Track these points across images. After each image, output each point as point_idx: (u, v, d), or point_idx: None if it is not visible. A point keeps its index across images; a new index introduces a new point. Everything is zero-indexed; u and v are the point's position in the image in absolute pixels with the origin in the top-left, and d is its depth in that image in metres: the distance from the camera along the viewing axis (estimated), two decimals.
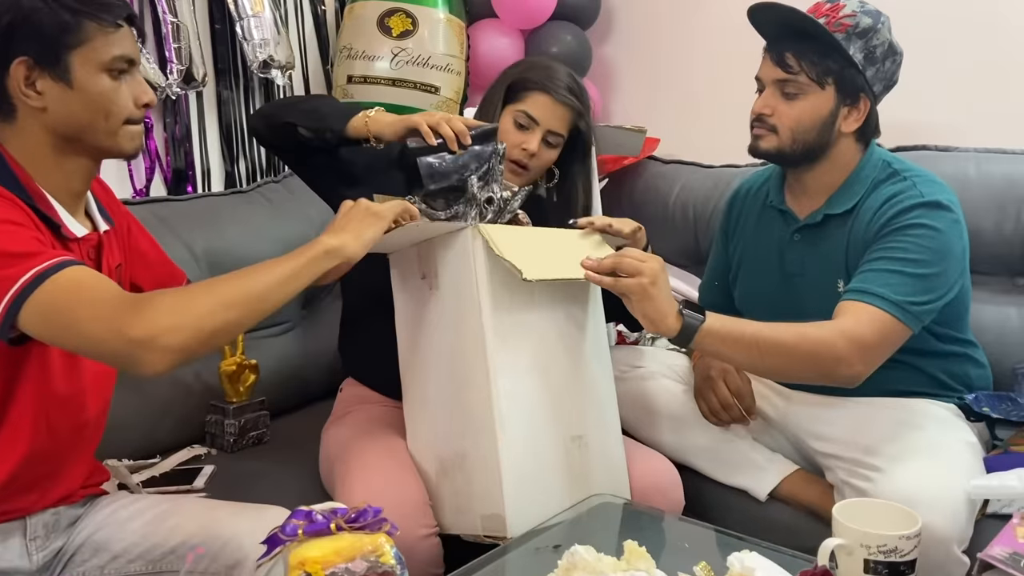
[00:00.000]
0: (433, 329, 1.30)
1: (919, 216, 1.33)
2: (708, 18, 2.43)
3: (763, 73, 1.45)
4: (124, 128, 1.11)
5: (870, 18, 1.38)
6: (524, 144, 1.46)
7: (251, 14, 2.01)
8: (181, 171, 2.02)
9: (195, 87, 1.94)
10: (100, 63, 1.08)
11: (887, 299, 1.28)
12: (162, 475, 1.53)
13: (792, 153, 1.43)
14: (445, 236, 1.26)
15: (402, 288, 1.35)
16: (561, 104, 1.47)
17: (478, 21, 2.39)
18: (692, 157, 2.30)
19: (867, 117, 1.42)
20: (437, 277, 1.28)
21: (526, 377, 1.26)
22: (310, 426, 1.59)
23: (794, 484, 1.46)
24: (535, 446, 1.25)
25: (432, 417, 1.32)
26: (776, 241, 1.52)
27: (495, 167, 1.34)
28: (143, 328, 0.97)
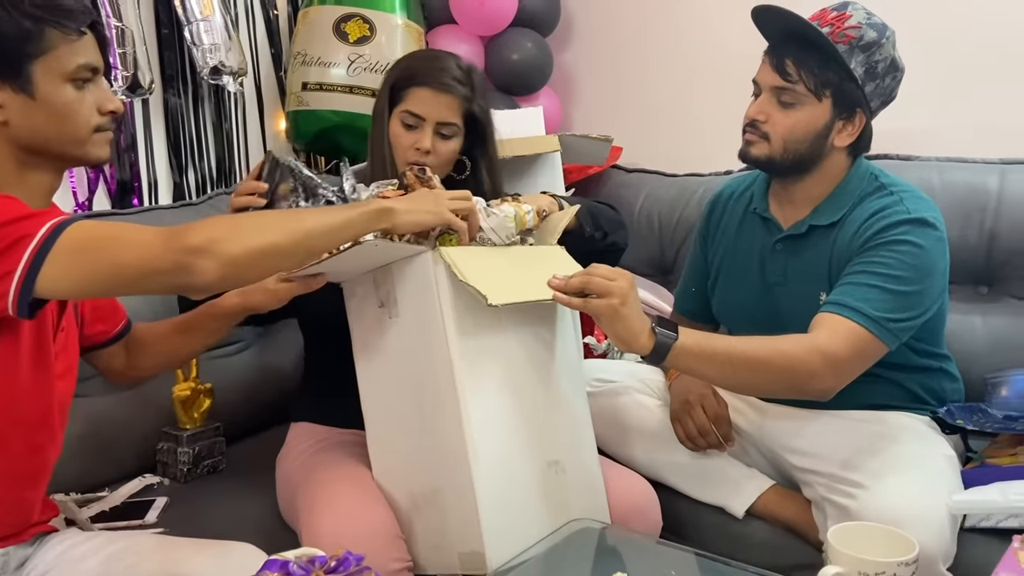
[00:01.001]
0: (395, 358, 1.24)
1: (905, 232, 1.32)
2: (669, 26, 2.43)
3: (761, 77, 1.41)
4: (94, 136, 1.07)
5: (875, 32, 1.35)
6: (416, 144, 1.41)
7: (200, 18, 1.92)
8: (126, 183, 1.93)
9: (141, 95, 1.86)
10: (64, 73, 1.03)
11: (865, 314, 1.27)
12: (112, 509, 1.43)
13: (782, 162, 1.40)
14: (402, 261, 1.19)
15: (359, 317, 1.28)
16: (444, 93, 1.41)
17: (437, 27, 2.35)
18: (653, 165, 2.29)
19: (861, 132, 1.40)
20: (397, 304, 1.21)
21: (498, 403, 1.21)
22: (267, 452, 1.52)
23: (771, 500, 1.44)
24: (511, 475, 1.20)
25: (400, 450, 1.26)
26: (758, 249, 1.50)
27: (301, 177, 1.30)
28: (199, 235, 0.96)
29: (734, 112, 2.29)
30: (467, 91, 1.44)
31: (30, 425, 1.09)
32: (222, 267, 0.96)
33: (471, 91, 1.44)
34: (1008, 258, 1.69)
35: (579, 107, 2.63)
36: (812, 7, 1.41)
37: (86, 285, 0.98)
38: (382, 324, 1.24)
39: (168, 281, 0.98)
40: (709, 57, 2.36)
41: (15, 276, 0.94)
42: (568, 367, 1.33)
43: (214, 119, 2.10)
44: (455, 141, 1.44)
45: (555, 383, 1.30)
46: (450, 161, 1.46)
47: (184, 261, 0.95)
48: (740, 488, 1.46)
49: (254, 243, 0.99)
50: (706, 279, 1.62)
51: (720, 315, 1.59)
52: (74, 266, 0.95)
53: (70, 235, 0.95)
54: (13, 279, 0.94)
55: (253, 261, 1.00)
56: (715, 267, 1.59)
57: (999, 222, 1.69)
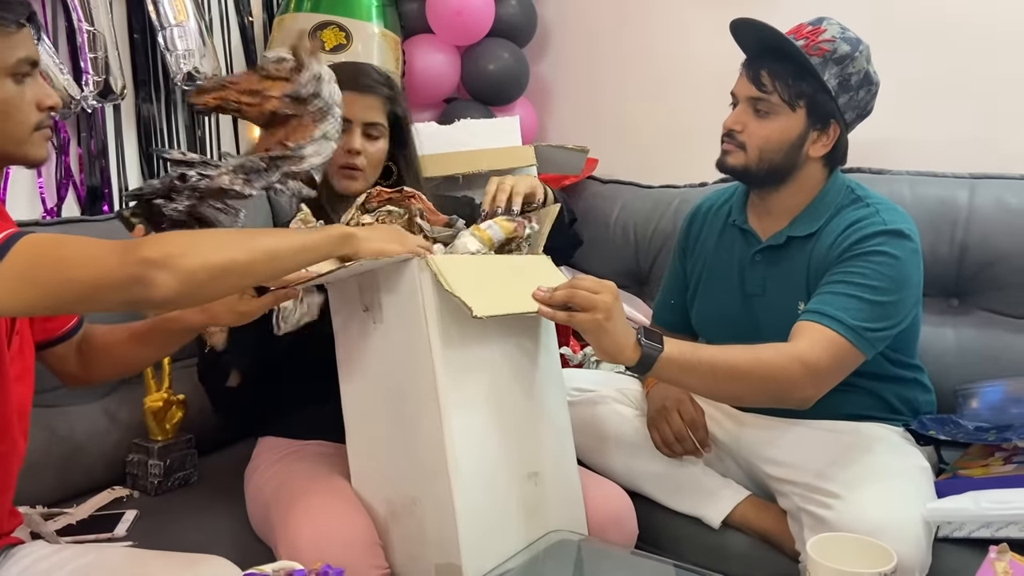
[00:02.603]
0: (378, 364, 1.23)
1: (881, 243, 1.34)
2: (644, 38, 2.44)
3: (738, 89, 1.44)
4: (34, 135, 1.04)
5: (849, 45, 1.38)
6: (346, 145, 1.42)
7: (174, 23, 1.90)
8: (96, 189, 1.89)
9: (113, 100, 1.83)
10: (3, 68, 0.99)
11: (843, 323, 1.28)
12: (79, 522, 1.40)
13: (758, 172, 1.42)
14: (389, 267, 1.18)
15: (343, 320, 1.27)
16: (366, 94, 1.45)
17: (413, 36, 2.34)
18: (628, 176, 2.30)
19: (836, 143, 1.42)
20: (381, 310, 1.20)
21: (479, 415, 1.20)
22: (240, 465, 1.49)
23: (747, 511, 1.44)
24: (490, 488, 1.19)
25: (379, 458, 1.25)
26: (737, 260, 1.51)
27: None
28: (157, 249, 0.93)
29: (709, 124, 2.31)
30: (389, 92, 1.47)
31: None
32: (179, 282, 0.92)
33: (391, 90, 1.48)
34: (978, 271, 1.71)
35: (555, 117, 2.63)
36: (790, 22, 1.44)
37: (36, 304, 0.94)
38: (366, 329, 1.22)
39: (123, 296, 0.94)
40: (684, 69, 2.38)
41: None
42: (550, 378, 1.33)
43: (187, 125, 2.07)
44: (383, 142, 1.46)
45: (537, 394, 1.30)
46: (379, 163, 1.47)
47: (140, 274, 0.91)
48: (716, 498, 1.46)
49: (213, 259, 0.96)
50: (685, 291, 1.63)
51: (699, 326, 1.60)
52: (23, 285, 0.91)
53: (17, 252, 0.91)
54: None
55: (212, 277, 0.96)
56: (694, 279, 1.60)
57: (969, 235, 1.72)
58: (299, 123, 1.23)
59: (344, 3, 2.16)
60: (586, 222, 2.29)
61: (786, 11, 2.11)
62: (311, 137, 1.25)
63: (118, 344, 1.28)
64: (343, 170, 1.43)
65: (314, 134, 1.26)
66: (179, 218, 1.22)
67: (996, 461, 1.35)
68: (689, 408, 1.48)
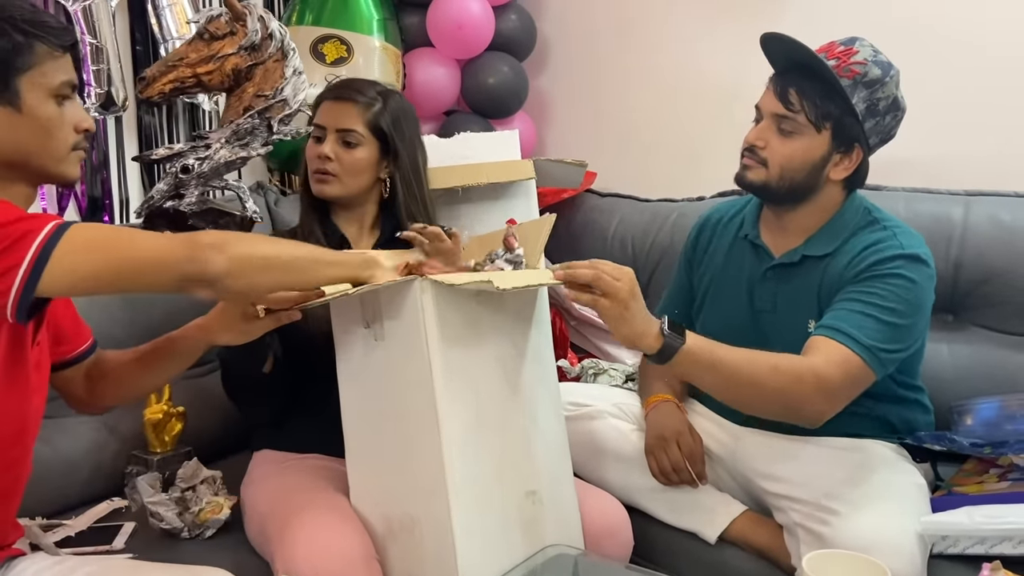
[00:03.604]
0: (378, 381, 1.23)
1: (899, 267, 1.33)
2: (644, 52, 2.46)
3: (763, 103, 1.42)
4: (70, 155, 1.09)
5: (880, 69, 1.36)
6: (319, 152, 1.45)
7: (176, 36, 1.91)
8: (97, 200, 1.90)
9: (115, 112, 1.83)
10: (49, 88, 1.05)
11: (859, 341, 1.28)
12: (78, 534, 1.40)
13: (777, 190, 1.41)
14: (391, 287, 1.19)
15: (345, 335, 1.28)
16: (343, 101, 1.47)
17: (414, 50, 2.35)
18: (626, 190, 2.32)
19: (857, 167, 1.41)
20: (383, 327, 1.21)
21: (478, 435, 1.20)
22: (237, 477, 1.49)
23: (744, 526, 1.45)
24: (489, 507, 1.20)
25: (378, 474, 1.26)
26: (747, 275, 1.50)
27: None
28: (212, 236, 1.06)
29: (708, 138, 2.35)
30: (369, 101, 1.47)
31: (5, 439, 1.07)
32: (230, 262, 1.02)
33: (378, 104, 1.48)
34: (973, 287, 1.72)
35: (553, 131, 2.65)
36: (821, 39, 1.41)
37: (95, 278, 0.99)
38: (367, 346, 1.23)
39: (178, 271, 1.02)
40: (683, 84, 2.39)
41: (19, 272, 0.93)
42: (548, 396, 1.33)
43: (188, 136, 2.08)
44: (361, 151, 1.46)
45: (536, 413, 1.30)
46: (357, 171, 1.47)
47: (195, 254, 1.01)
48: (713, 514, 1.47)
49: (261, 250, 1.09)
50: (690, 302, 1.62)
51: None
52: (87, 258, 0.97)
53: (78, 231, 0.97)
54: (16, 275, 0.93)
55: (258, 266, 1.07)
56: (701, 291, 1.59)
57: (964, 252, 1.73)
58: (264, 69, 1.23)
59: (345, 17, 2.17)
60: (584, 235, 2.32)
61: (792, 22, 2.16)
62: (284, 77, 1.26)
63: (125, 367, 1.30)
64: (316, 174, 1.46)
65: (285, 73, 1.26)
66: (197, 210, 1.25)
67: (991, 478, 1.36)
68: (688, 440, 1.47)
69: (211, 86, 1.21)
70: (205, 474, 1.43)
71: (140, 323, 1.64)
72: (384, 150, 1.49)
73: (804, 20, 2.11)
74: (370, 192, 1.51)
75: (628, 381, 1.94)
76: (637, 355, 2.08)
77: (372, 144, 1.48)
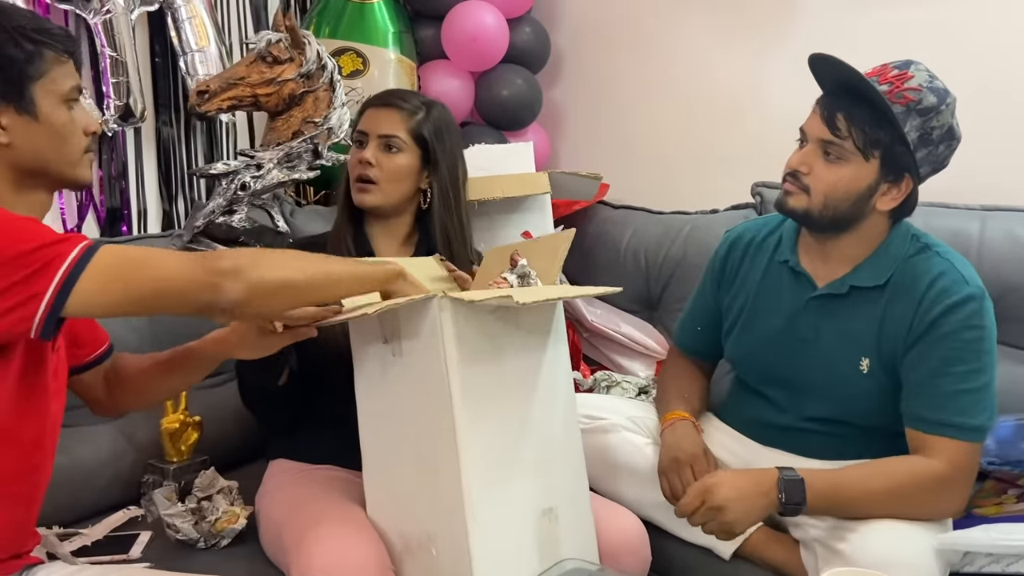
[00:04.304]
0: (397, 397, 1.23)
1: (973, 315, 1.29)
2: (657, 65, 2.47)
3: (809, 127, 1.36)
4: (84, 157, 1.11)
5: (935, 97, 1.29)
6: (359, 157, 1.45)
7: (195, 48, 1.93)
8: (116, 210, 1.92)
9: (133, 123, 1.85)
10: (60, 94, 1.07)
11: (966, 428, 1.27)
12: (95, 543, 1.41)
13: (820, 218, 1.35)
14: (409, 302, 1.18)
15: (363, 353, 1.28)
16: (386, 108, 1.47)
17: (429, 62, 2.37)
18: (639, 202, 2.32)
19: (906, 198, 1.34)
20: (401, 344, 1.21)
21: (496, 454, 1.20)
22: (254, 486, 1.50)
23: (759, 542, 1.43)
24: (506, 528, 1.19)
25: (395, 490, 1.25)
26: (788, 303, 1.44)
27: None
28: (230, 261, 1.03)
29: (721, 151, 2.35)
30: (413, 108, 1.47)
31: (25, 445, 1.08)
32: (246, 290, 1.02)
33: (422, 113, 1.48)
34: None
35: (566, 143, 2.66)
36: (834, 52, 1.34)
37: (122, 300, 1.00)
38: (385, 362, 1.23)
39: (197, 299, 1.03)
40: (696, 96, 2.40)
41: (44, 297, 0.95)
42: (566, 413, 1.32)
43: (205, 149, 2.10)
44: (403, 157, 1.46)
45: (554, 430, 1.29)
46: (397, 178, 1.47)
47: (213, 282, 1.02)
48: None
49: (278, 273, 1.07)
50: (715, 321, 1.58)
51: (737, 363, 1.56)
52: (112, 284, 0.98)
53: (105, 255, 0.98)
54: (42, 301, 0.95)
55: (274, 289, 1.06)
56: (733, 314, 1.54)
57: (981, 267, 1.68)
58: (314, 97, 1.26)
59: (361, 30, 2.19)
60: (597, 247, 2.32)
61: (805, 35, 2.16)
62: (332, 107, 1.29)
63: (142, 373, 1.31)
64: (357, 183, 1.46)
65: (333, 103, 1.29)
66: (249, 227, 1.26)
67: (1009, 499, 1.36)
68: (703, 465, 1.42)
69: (266, 107, 1.25)
70: (221, 484, 1.43)
71: (161, 327, 1.65)
72: (425, 159, 1.49)
73: (817, 33, 2.12)
74: (408, 203, 1.51)
75: (641, 394, 1.94)
76: (650, 367, 2.08)
77: (414, 152, 1.47)
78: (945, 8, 2.00)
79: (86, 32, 1.80)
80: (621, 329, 2.08)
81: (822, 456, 1.39)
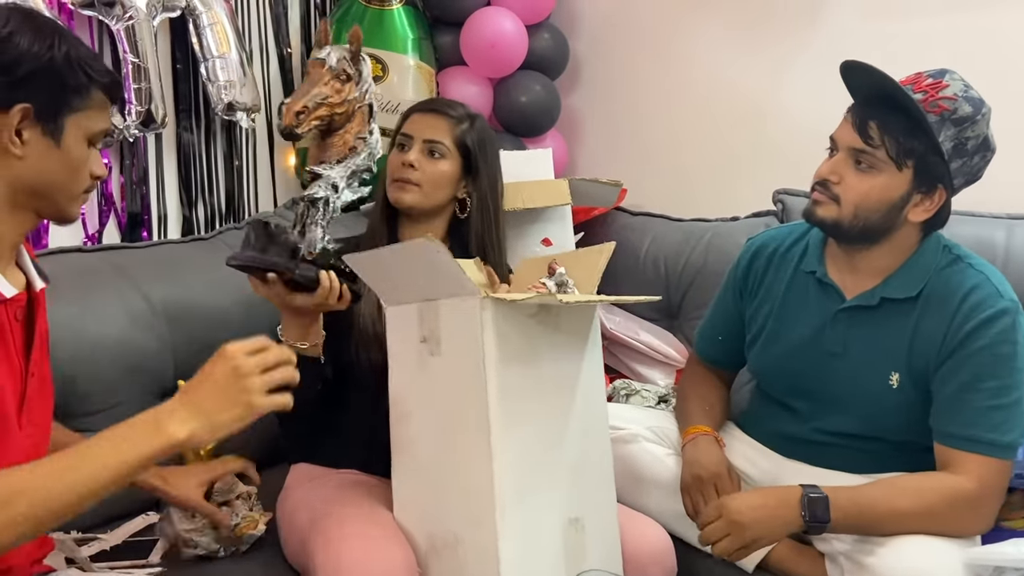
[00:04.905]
0: (431, 396, 1.23)
1: (1007, 330, 1.28)
2: (676, 71, 2.46)
3: (839, 135, 1.34)
4: (81, 196, 1.11)
5: (971, 107, 1.28)
6: (403, 159, 1.46)
7: (216, 55, 1.94)
8: (136, 215, 1.92)
9: (154, 129, 1.86)
10: (89, 132, 1.08)
11: (997, 445, 1.25)
12: (113, 548, 1.41)
13: (849, 229, 1.33)
14: (450, 300, 1.18)
15: (399, 349, 1.27)
16: (429, 114, 1.49)
17: (447, 68, 2.37)
18: (658, 209, 2.30)
19: (939, 209, 1.33)
20: (439, 343, 1.20)
21: (529, 460, 1.19)
22: (273, 490, 1.50)
23: (783, 554, 1.41)
24: (534, 534, 1.18)
25: (424, 490, 1.25)
26: (814, 314, 1.42)
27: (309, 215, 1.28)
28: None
29: (741, 158, 2.34)
30: (459, 118, 1.49)
31: None
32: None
33: (466, 123, 1.50)
34: None
35: (585, 149, 2.65)
36: (893, 68, 1.32)
37: None
38: (422, 359, 1.23)
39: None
40: (716, 102, 2.39)
41: None
42: (598, 422, 1.32)
43: (225, 154, 2.10)
44: (445, 163, 1.47)
45: (585, 438, 1.29)
46: (438, 184, 1.47)
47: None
48: None
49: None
50: (737, 330, 1.57)
51: (762, 374, 1.54)
52: None
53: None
54: None
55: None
56: (757, 325, 1.52)
57: (1007, 276, 1.69)
58: (361, 113, 1.27)
59: (381, 36, 2.20)
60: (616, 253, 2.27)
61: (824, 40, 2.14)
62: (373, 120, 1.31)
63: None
64: (396, 182, 1.47)
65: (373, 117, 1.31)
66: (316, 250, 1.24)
67: None
68: (726, 483, 1.40)
69: (334, 127, 1.26)
70: (241, 489, 1.43)
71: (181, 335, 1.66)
72: (466, 168, 1.50)
73: (839, 40, 2.10)
74: (443, 209, 1.52)
75: (661, 402, 1.92)
76: (669, 376, 2.07)
77: (456, 159, 1.49)
78: (967, 16, 1.98)
79: (109, 38, 1.80)
80: (640, 337, 2.07)
81: (848, 469, 1.38)
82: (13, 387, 1.06)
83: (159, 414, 0.96)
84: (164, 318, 1.66)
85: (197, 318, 1.69)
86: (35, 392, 1.11)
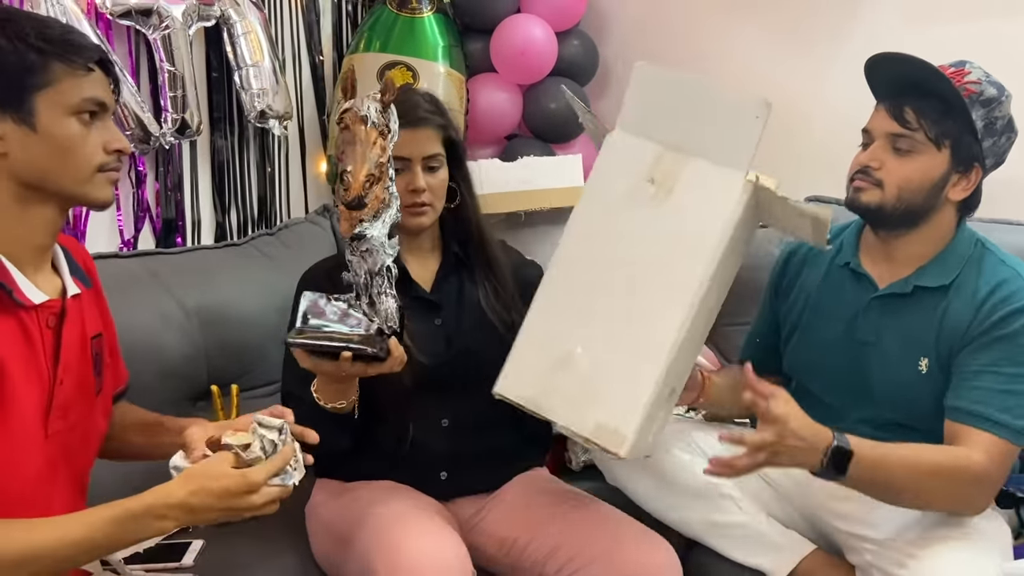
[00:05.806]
0: (631, 232, 1.24)
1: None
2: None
3: (874, 125, 1.39)
4: (97, 176, 1.05)
5: (995, 89, 1.34)
6: (409, 185, 1.41)
7: (250, 63, 1.96)
8: (171, 222, 1.95)
9: (189, 136, 1.88)
10: (68, 106, 1.02)
11: (1009, 427, 1.25)
12: (146, 551, 1.42)
13: (893, 212, 1.36)
14: (707, 162, 1.21)
15: (609, 178, 1.27)
16: (421, 128, 1.43)
17: (477, 75, 2.38)
18: None
19: (975, 189, 1.37)
20: (670, 193, 1.22)
21: (695, 326, 1.22)
22: (303, 496, 1.50)
23: (813, 565, 1.40)
24: (665, 387, 1.22)
25: (575, 310, 1.25)
26: (847, 305, 1.44)
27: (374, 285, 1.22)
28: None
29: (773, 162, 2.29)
30: (440, 118, 1.46)
31: None
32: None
33: (443, 117, 1.47)
34: None
35: None
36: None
37: None
38: (636, 197, 1.24)
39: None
40: None
41: None
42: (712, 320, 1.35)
43: (258, 161, 2.13)
44: (443, 171, 1.46)
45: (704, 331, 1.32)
46: (443, 193, 1.47)
47: None
48: (780, 551, 1.43)
49: None
50: (774, 332, 1.58)
51: (796, 371, 1.54)
52: None
53: None
54: None
55: None
56: (791, 322, 1.54)
57: None
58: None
59: (412, 44, 2.21)
60: None
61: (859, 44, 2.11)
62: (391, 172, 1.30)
63: (126, 427, 1.28)
64: (410, 208, 1.41)
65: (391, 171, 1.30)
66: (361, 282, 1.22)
67: None
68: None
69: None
70: None
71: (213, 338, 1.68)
72: (452, 159, 1.48)
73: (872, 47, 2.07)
74: None
75: (690, 411, 1.91)
76: None
77: (445, 159, 1.47)
78: (1003, 23, 1.96)
79: (146, 47, 1.84)
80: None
81: None
82: (39, 395, 1.05)
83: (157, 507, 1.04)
84: (197, 322, 1.68)
85: (230, 322, 1.71)
86: (69, 398, 1.09)
